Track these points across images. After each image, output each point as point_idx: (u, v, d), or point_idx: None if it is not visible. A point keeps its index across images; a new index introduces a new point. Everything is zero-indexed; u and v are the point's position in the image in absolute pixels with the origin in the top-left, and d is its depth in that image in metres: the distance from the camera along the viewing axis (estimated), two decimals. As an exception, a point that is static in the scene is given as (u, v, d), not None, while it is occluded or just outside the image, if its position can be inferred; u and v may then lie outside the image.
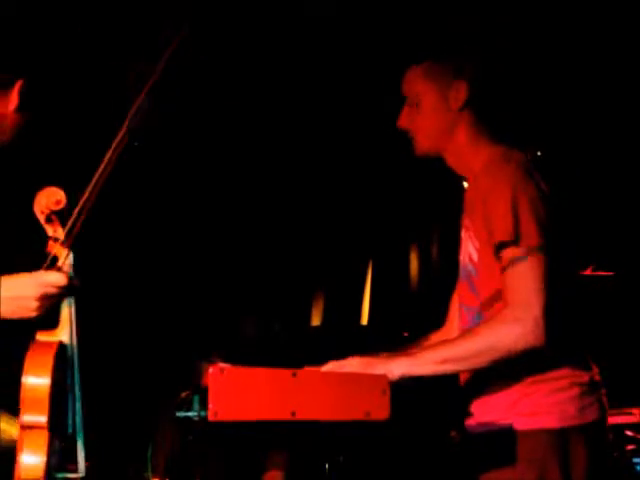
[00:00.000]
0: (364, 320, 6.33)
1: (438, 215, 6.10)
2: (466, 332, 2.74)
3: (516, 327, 2.57)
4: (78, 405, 2.66)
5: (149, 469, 2.72)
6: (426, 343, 3.00)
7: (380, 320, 6.18)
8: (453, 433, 2.89)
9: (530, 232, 2.62)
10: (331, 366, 2.56)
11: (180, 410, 2.37)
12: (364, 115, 5.54)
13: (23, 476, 2.55)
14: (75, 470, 2.62)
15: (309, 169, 6.04)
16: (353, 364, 2.57)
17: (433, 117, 2.87)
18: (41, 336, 2.63)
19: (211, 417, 2.25)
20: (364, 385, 2.41)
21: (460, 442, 2.86)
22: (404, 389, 2.51)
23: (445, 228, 5.97)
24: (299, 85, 5.44)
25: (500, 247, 2.65)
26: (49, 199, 2.69)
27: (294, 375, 2.36)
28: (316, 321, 6.49)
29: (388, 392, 2.41)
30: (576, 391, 2.69)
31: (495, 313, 2.68)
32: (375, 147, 5.75)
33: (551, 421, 2.66)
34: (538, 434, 2.65)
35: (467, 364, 2.64)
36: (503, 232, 2.63)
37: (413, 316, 5.87)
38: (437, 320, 3.13)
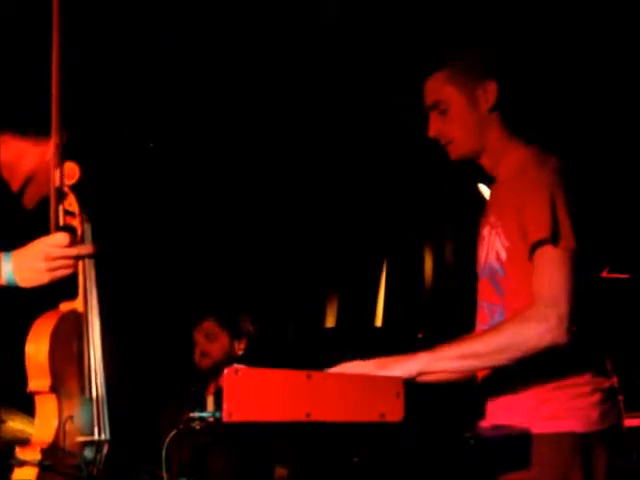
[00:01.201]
0: (378, 321, 6.33)
1: (451, 216, 6.10)
2: (488, 328, 2.74)
3: (540, 324, 2.57)
4: (100, 370, 2.73)
5: (163, 467, 2.72)
6: None
7: (394, 321, 6.18)
8: (469, 435, 2.88)
9: (567, 234, 2.62)
10: (343, 367, 2.57)
11: (194, 410, 2.37)
12: (380, 115, 5.54)
13: (34, 440, 2.64)
14: (100, 433, 2.70)
15: (324, 170, 6.04)
16: (368, 365, 2.57)
17: (464, 121, 2.84)
18: (63, 306, 2.75)
19: (226, 418, 2.25)
20: (378, 387, 2.41)
21: (476, 445, 2.85)
22: (419, 391, 2.51)
23: (458, 229, 5.97)
24: (309, 85, 5.44)
25: (535, 246, 2.64)
26: (64, 174, 2.76)
27: (309, 377, 2.36)
28: (330, 322, 6.49)
29: (402, 394, 2.41)
30: (598, 397, 2.69)
31: (520, 311, 2.67)
32: (389, 147, 5.75)
33: (574, 425, 2.65)
34: (561, 438, 2.64)
35: (488, 360, 2.63)
36: (540, 232, 2.63)
37: (427, 317, 5.87)
38: (451, 320, 3.12)
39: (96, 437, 2.70)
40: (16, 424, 2.87)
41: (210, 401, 2.31)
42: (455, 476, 2.93)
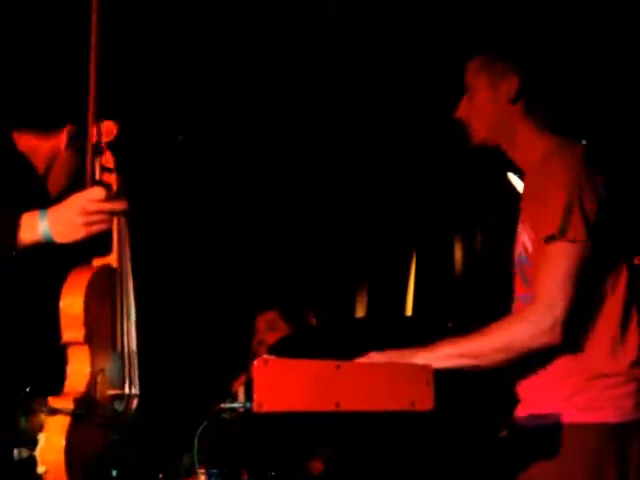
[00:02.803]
0: (408, 311, 6.33)
1: (482, 206, 6.08)
2: (485, 328, 2.77)
3: (534, 327, 2.63)
4: (132, 326, 2.79)
5: (196, 458, 2.74)
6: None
7: (424, 311, 6.18)
8: (502, 425, 2.89)
9: (575, 229, 2.62)
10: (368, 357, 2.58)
11: (225, 401, 2.39)
12: (411, 105, 5.53)
13: (66, 389, 2.67)
14: (130, 387, 2.76)
15: (354, 161, 6.04)
16: (374, 359, 2.58)
17: (485, 110, 2.89)
18: (96, 262, 2.79)
19: (256, 408, 2.27)
20: (408, 376, 2.41)
21: (510, 434, 2.85)
22: (452, 380, 2.52)
23: (489, 219, 5.95)
24: (322, 75, 5.46)
25: (544, 241, 2.65)
26: (102, 131, 2.81)
27: (338, 367, 2.37)
28: (360, 313, 6.49)
29: (432, 383, 2.41)
30: (632, 387, 2.70)
31: (517, 311, 2.75)
32: (419, 136, 5.74)
33: (609, 415, 2.67)
34: (595, 428, 2.66)
35: (484, 360, 2.68)
36: (549, 227, 2.65)
37: (457, 307, 5.86)
38: (481, 310, 3.13)
39: (126, 391, 2.75)
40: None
41: (240, 392, 2.31)
42: (488, 466, 2.93)
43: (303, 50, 5.28)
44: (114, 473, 2.66)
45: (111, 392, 2.74)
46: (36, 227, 2.69)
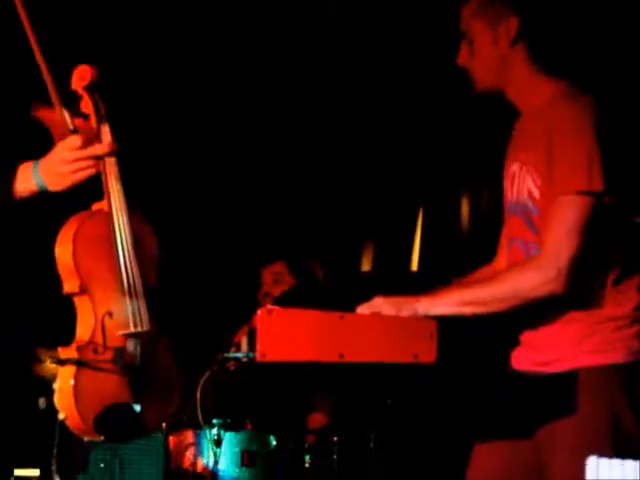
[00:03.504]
0: (414, 266, 6.32)
1: (488, 160, 6.05)
2: (491, 277, 2.78)
3: (538, 276, 2.62)
4: (134, 263, 2.83)
5: (198, 408, 2.77)
6: (473, 277, 3.03)
7: (430, 266, 6.17)
8: (506, 372, 2.89)
9: (591, 178, 2.61)
10: (360, 308, 2.58)
11: (228, 351, 2.39)
12: (416, 66, 5.52)
13: (76, 338, 2.79)
14: (137, 325, 2.81)
15: (359, 119, 6.02)
16: (379, 304, 2.58)
17: (486, 54, 2.85)
18: (95, 206, 2.89)
19: (259, 358, 2.27)
20: (412, 328, 2.42)
21: (519, 381, 2.85)
22: (454, 330, 2.52)
23: (495, 173, 5.93)
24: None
25: (557, 192, 2.64)
26: (76, 76, 2.89)
27: (342, 318, 2.37)
28: (366, 267, 6.49)
29: (435, 335, 2.41)
30: (638, 328, 2.71)
31: (522, 260, 2.74)
32: (424, 93, 5.71)
33: (619, 357, 2.68)
34: (606, 370, 2.67)
35: (488, 308, 2.67)
36: (563, 179, 2.63)
37: (463, 261, 5.85)
38: (486, 265, 3.12)
39: (134, 329, 2.80)
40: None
41: (244, 342, 2.32)
42: (496, 413, 2.93)
43: (303, 49, 5.30)
44: (137, 408, 2.73)
45: (120, 332, 2.79)
46: (31, 177, 2.75)
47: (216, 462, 4.32)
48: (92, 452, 4.15)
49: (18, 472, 3.17)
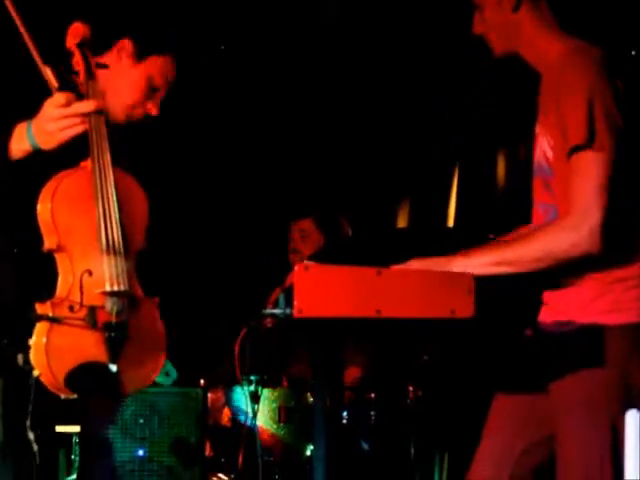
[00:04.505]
0: (450, 222, 6.32)
1: (524, 117, 6.02)
2: (524, 236, 2.78)
3: (572, 235, 2.62)
4: (116, 223, 2.79)
5: (237, 369, 2.77)
6: (511, 238, 3.03)
7: (466, 222, 6.17)
8: (528, 331, 2.89)
9: (603, 134, 2.60)
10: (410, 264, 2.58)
11: (266, 307, 2.39)
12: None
13: (56, 294, 2.75)
14: (115, 285, 2.76)
15: (397, 77, 6.00)
16: (414, 266, 2.58)
17: (494, 22, 2.86)
18: (83, 164, 2.84)
19: (296, 314, 2.27)
20: (449, 283, 2.41)
21: (537, 339, 2.86)
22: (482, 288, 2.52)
23: (532, 130, 5.90)
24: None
25: (572, 151, 2.63)
26: (69, 34, 2.89)
27: (379, 273, 2.36)
28: (402, 224, 6.49)
29: (473, 290, 2.41)
30: None
31: (554, 220, 2.73)
32: (462, 53, 5.68)
33: (632, 316, 2.68)
34: (620, 329, 2.68)
35: (522, 267, 2.67)
36: (576, 135, 2.62)
37: (499, 218, 5.83)
38: (521, 222, 3.11)
39: (110, 288, 2.75)
40: None
41: (281, 298, 2.32)
42: (517, 371, 2.94)
43: (303, 48, 5.29)
44: (114, 368, 2.70)
45: (98, 291, 2.75)
46: (24, 136, 2.76)
47: (253, 418, 4.35)
48: (130, 407, 4.20)
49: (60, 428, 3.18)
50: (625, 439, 2.41)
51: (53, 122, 2.72)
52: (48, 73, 2.79)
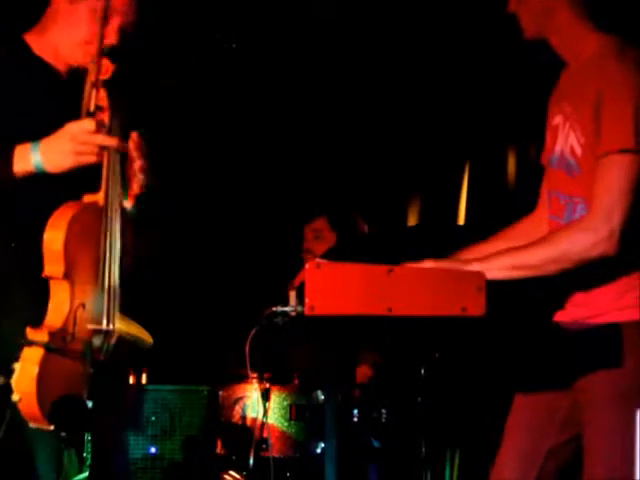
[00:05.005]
0: (460, 220, 6.31)
1: (535, 114, 6.01)
2: (540, 239, 2.75)
3: (590, 236, 2.61)
4: (115, 264, 2.83)
5: (248, 362, 2.77)
6: (513, 229, 3.03)
7: (476, 220, 6.15)
8: (553, 325, 2.88)
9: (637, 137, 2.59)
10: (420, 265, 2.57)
11: (277, 305, 2.40)
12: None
13: (46, 323, 2.73)
14: (108, 323, 2.79)
15: (407, 74, 5.99)
16: (427, 266, 2.57)
17: (529, 5, 2.83)
18: (87, 198, 2.84)
19: (308, 311, 2.28)
20: (460, 281, 2.41)
21: (561, 335, 2.85)
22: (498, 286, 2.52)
23: (542, 128, 5.89)
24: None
25: (603, 153, 2.62)
26: (101, 67, 2.87)
27: (390, 271, 2.36)
28: (412, 221, 6.48)
29: (484, 289, 2.41)
30: None
31: (573, 222, 2.72)
32: (474, 49, 5.68)
33: None
34: None
35: (539, 271, 2.65)
36: (612, 140, 2.61)
37: (509, 216, 5.82)
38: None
39: (104, 327, 2.78)
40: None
41: (292, 296, 2.32)
42: (539, 371, 2.93)
43: (312, 45, 5.29)
44: (90, 404, 2.70)
45: (90, 327, 2.77)
46: (28, 157, 2.76)
47: (265, 416, 4.36)
48: (144, 406, 4.21)
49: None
50: (636, 438, 2.41)
51: (75, 143, 2.74)
52: (94, 94, 2.81)
